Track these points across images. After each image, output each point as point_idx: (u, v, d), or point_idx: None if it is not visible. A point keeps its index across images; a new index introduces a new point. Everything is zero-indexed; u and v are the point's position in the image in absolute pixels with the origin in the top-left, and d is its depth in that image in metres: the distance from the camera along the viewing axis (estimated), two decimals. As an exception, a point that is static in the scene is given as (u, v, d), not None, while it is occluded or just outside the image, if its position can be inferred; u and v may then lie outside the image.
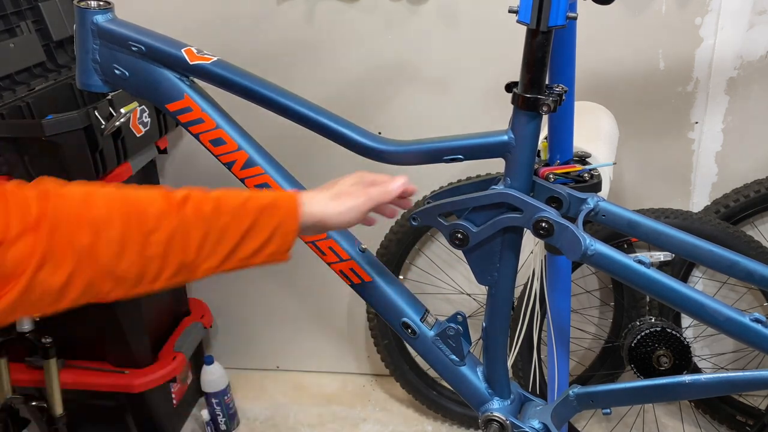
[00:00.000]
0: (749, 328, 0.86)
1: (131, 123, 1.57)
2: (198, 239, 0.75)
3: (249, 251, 0.79)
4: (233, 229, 0.77)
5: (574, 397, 1.02)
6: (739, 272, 0.98)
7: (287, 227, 0.81)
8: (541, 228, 0.91)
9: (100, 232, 0.68)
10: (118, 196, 0.72)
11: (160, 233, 0.72)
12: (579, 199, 0.97)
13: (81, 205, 0.69)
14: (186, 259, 0.74)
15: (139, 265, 0.71)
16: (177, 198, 0.75)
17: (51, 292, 0.66)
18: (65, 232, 0.66)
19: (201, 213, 0.75)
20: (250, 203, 0.79)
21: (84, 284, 0.68)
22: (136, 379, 1.72)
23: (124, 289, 0.72)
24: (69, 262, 0.66)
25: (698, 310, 0.88)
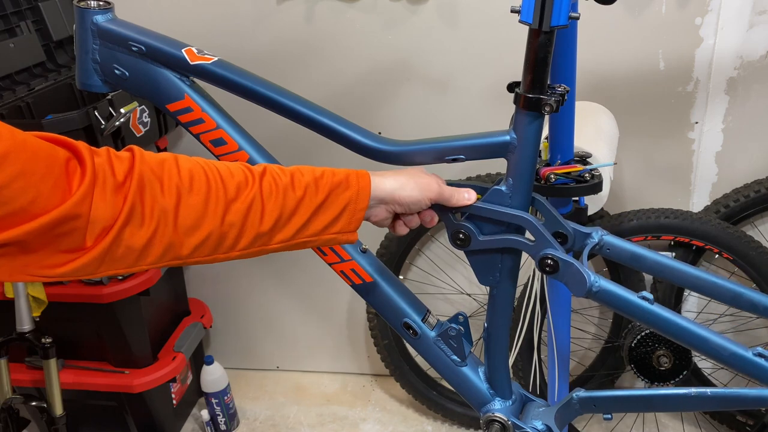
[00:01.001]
0: (753, 363, 0.89)
1: (131, 123, 1.57)
2: (274, 211, 0.78)
3: (320, 226, 0.82)
4: (307, 202, 0.80)
5: (578, 400, 1.02)
6: (744, 303, 1.00)
7: (357, 204, 0.84)
8: (546, 265, 0.92)
9: (183, 196, 0.71)
10: (201, 165, 0.75)
11: (240, 203, 0.75)
12: (583, 233, 0.98)
13: (167, 170, 0.72)
14: (262, 229, 0.77)
15: (218, 232, 0.74)
16: (256, 171, 0.79)
17: (134, 250, 0.69)
18: (151, 194, 0.69)
19: (278, 186, 0.79)
20: (323, 179, 0.83)
21: (164, 246, 0.71)
22: (136, 379, 1.72)
23: (202, 256, 0.75)
24: (152, 222, 0.69)
25: (702, 345, 0.91)
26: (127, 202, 0.67)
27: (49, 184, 0.62)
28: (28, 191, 0.60)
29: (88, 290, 1.63)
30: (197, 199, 0.72)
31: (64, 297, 1.65)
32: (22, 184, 0.60)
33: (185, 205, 0.71)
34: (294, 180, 0.81)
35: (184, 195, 0.72)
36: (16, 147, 0.61)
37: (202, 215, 0.73)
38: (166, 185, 0.71)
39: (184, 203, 0.71)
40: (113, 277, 1.63)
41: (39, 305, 1.61)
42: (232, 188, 0.75)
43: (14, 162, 0.59)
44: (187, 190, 0.72)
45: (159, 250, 0.71)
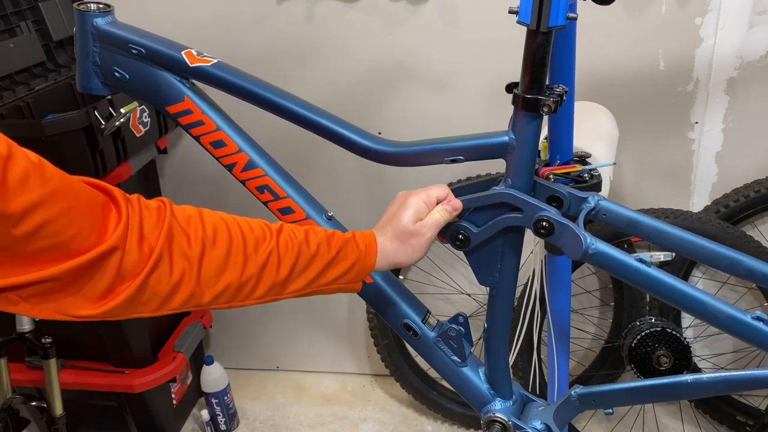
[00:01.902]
0: (751, 326, 0.86)
1: (131, 123, 1.57)
2: (289, 263, 0.83)
3: (330, 278, 0.87)
4: (320, 257, 0.86)
5: (576, 397, 1.02)
6: (740, 270, 0.98)
7: (365, 261, 0.90)
8: (541, 227, 0.92)
9: (207, 249, 0.76)
10: (224, 220, 0.81)
11: (258, 256, 0.81)
12: (579, 198, 0.97)
13: (193, 224, 0.77)
14: (277, 279, 0.83)
15: (237, 283, 0.79)
16: (274, 227, 0.85)
17: (159, 296, 0.73)
18: (178, 245, 0.74)
19: (293, 242, 0.84)
20: (334, 237, 0.88)
21: (187, 294, 0.75)
22: (136, 379, 1.72)
23: (220, 303, 0.80)
24: (178, 270, 0.74)
25: (699, 308, 0.88)
26: (155, 250, 0.71)
27: (89, 224, 0.66)
28: (71, 228, 0.64)
29: (88, 290, 1.63)
30: (220, 252, 0.77)
31: (64, 297, 1.65)
32: (67, 220, 0.63)
33: (209, 257, 0.76)
34: (308, 237, 0.86)
35: (208, 248, 0.76)
36: (64, 186, 0.65)
37: (224, 267, 0.78)
38: (192, 238, 0.75)
39: (207, 255, 0.76)
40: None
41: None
42: (252, 242, 0.81)
43: (62, 200, 0.63)
44: (211, 244, 0.77)
45: (182, 297, 0.75)
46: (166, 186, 1.97)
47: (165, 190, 1.95)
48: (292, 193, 1.01)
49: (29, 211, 0.60)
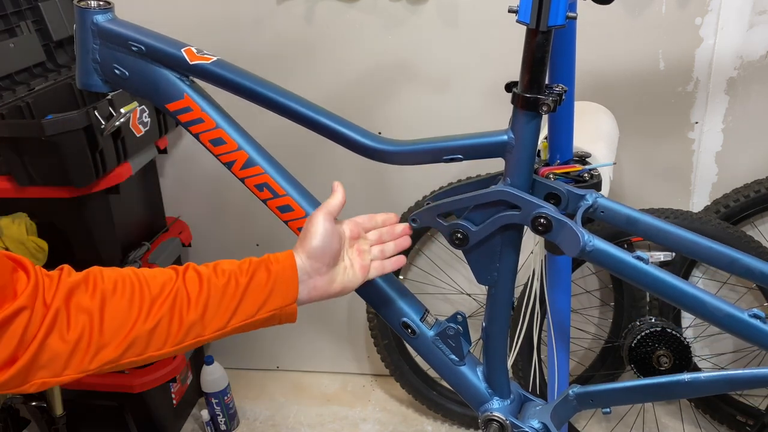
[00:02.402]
0: (748, 324, 0.86)
1: (131, 123, 1.57)
2: (200, 300, 0.79)
3: (254, 307, 0.82)
4: (233, 286, 0.81)
5: (574, 396, 1.02)
6: (739, 269, 0.98)
7: (285, 274, 0.84)
8: (539, 224, 0.91)
9: (107, 299, 0.74)
10: (126, 272, 0.78)
11: (163, 297, 0.77)
12: (578, 195, 0.97)
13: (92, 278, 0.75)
14: (190, 319, 0.78)
15: (145, 328, 0.75)
16: (180, 268, 0.81)
17: (60, 358, 0.70)
18: (76, 301, 0.72)
19: (201, 277, 0.80)
20: (245, 264, 0.84)
21: (93, 350, 0.72)
22: (136, 379, 1.72)
23: (135, 355, 0.76)
24: (77, 326, 0.71)
25: (697, 306, 0.88)
26: (51, 309, 0.69)
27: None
28: None
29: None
30: (121, 300, 0.75)
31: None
32: None
33: (110, 306, 0.73)
34: (217, 270, 0.82)
35: (108, 297, 0.74)
36: None
37: (127, 314, 0.74)
38: (90, 290, 0.73)
39: (108, 305, 0.73)
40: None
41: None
42: (156, 286, 0.78)
43: None
44: (111, 293, 0.74)
45: (87, 354, 0.72)
46: (166, 186, 1.97)
47: (165, 190, 1.96)
48: (291, 191, 1.01)
49: None
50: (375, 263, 0.95)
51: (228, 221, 2.03)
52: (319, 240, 0.87)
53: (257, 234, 2.03)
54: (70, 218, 1.58)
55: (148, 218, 1.86)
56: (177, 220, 1.97)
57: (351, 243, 0.93)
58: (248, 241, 2.04)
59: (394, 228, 0.99)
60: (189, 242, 1.95)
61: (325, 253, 0.88)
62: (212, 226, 2.04)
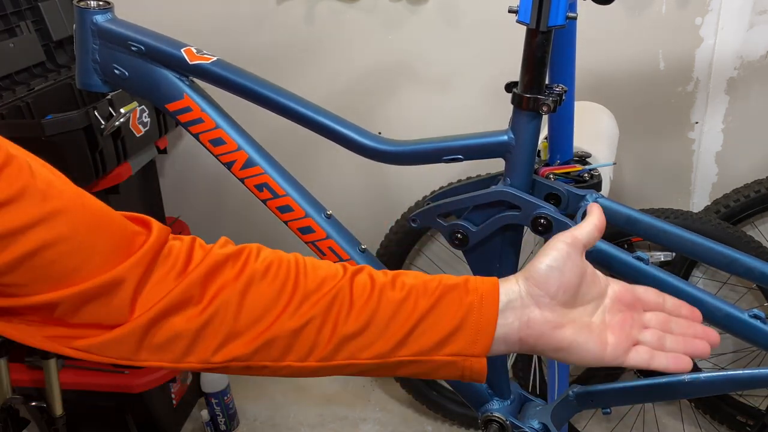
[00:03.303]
0: (748, 324, 0.86)
1: (131, 123, 1.57)
2: (365, 311, 0.62)
3: (430, 341, 0.62)
4: (410, 306, 0.63)
5: (574, 396, 1.02)
6: (739, 269, 0.98)
7: (482, 314, 0.63)
8: (539, 225, 0.91)
9: (254, 283, 0.62)
10: (287, 255, 0.65)
11: (320, 294, 0.62)
12: (578, 195, 0.97)
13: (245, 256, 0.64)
14: (346, 330, 0.62)
15: (289, 328, 0.62)
16: (350, 267, 0.66)
17: (182, 337, 0.60)
18: (218, 280, 0.61)
19: (374, 283, 0.64)
20: (433, 282, 0.65)
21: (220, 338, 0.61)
22: (136, 379, 1.72)
23: (270, 360, 0.65)
24: (210, 306, 0.60)
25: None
26: (182, 283, 0.59)
27: (103, 255, 0.56)
28: (74, 257, 0.55)
29: (88, 290, 1.63)
30: (270, 286, 0.61)
31: (64, 297, 1.65)
32: (67, 248, 0.54)
33: (254, 291, 0.61)
34: (396, 281, 0.64)
35: (255, 281, 0.61)
36: (74, 209, 0.56)
37: (272, 304, 0.61)
38: (239, 268, 0.61)
39: (253, 289, 0.61)
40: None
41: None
42: (315, 279, 0.63)
43: (65, 223, 0.54)
44: (260, 276, 0.61)
45: (214, 342, 0.60)
46: (166, 186, 1.97)
47: (165, 190, 1.95)
48: (291, 192, 1.01)
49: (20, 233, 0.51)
50: (642, 348, 0.67)
51: (228, 221, 2.03)
52: (548, 261, 0.65)
53: (257, 234, 2.03)
54: (69, 218, 1.58)
55: (148, 218, 1.86)
56: (177, 220, 1.97)
57: (616, 307, 0.68)
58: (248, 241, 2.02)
59: (694, 325, 0.71)
60: (189, 242, 1.95)
61: (550, 278, 0.64)
62: (212, 226, 2.04)
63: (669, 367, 0.67)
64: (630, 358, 0.67)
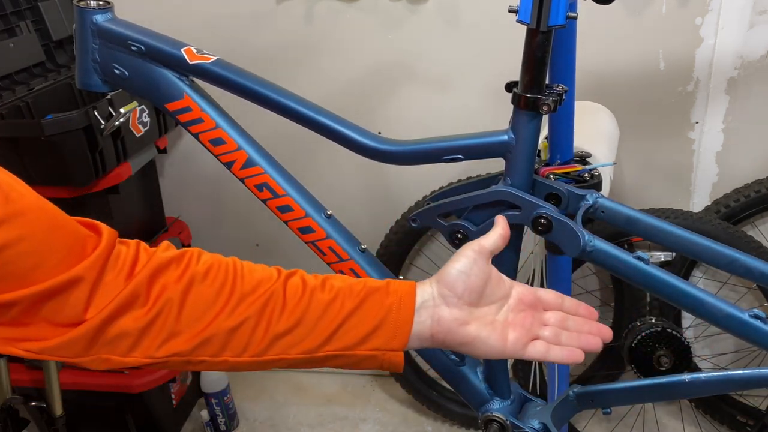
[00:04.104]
0: (748, 324, 0.86)
1: (131, 123, 1.57)
2: (296, 311, 0.69)
3: (354, 338, 0.70)
4: (337, 306, 0.70)
5: (574, 396, 1.02)
6: (739, 269, 0.98)
7: (401, 314, 0.71)
8: (539, 224, 0.91)
9: (195, 285, 0.68)
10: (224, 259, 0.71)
11: (256, 296, 0.69)
12: (578, 195, 0.97)
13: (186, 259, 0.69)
14: (278, 329, 0.68)
15: (226, 327, 0.67)
16: (284, 271, 0.73)
17: (128, 335, 0.65)
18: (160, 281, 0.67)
19: (306, 285, 0.71)
20: (358, 285, 0.72)
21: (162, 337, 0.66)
22: (136, 379, 1.72)
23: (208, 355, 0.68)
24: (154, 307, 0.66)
25: (697, 306, 0.88)
26: (130, 285, 0.64)
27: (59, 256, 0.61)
28: (32, 257, 0.59)
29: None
30: (209, 288, 0.67)
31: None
32: (26, 248, 0.58)
33: (195, 292, 0.67)
34: (325, 284, 0.72)
35: (196, 282, 0.67)
36: (33, 211, 0.59)
37: (210, 305, 0.67)
38: (180, 271, 0.67)
39: (193, 291, 0.67)
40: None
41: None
42: (251, 282, 0.69)
43: (24, 225, 0.58)
44: (201, 278, 0.68)
45: (157, 339, 0.66)
46: (166, 186, 1.97)
47: (165, 190, 1.95)
48: (291, 191, 1.01)
49: None
50: (539, 343, 0.76)
51: (228, 221, 2.03)
52: (457, 266, 0.73)
53: (257, 234, 2.03)
54: (69, 218, 1.58)
55: (148, 218, 1.86)
56: (177, 220, 1.97)
57: (519, 307, 0.77)
58: (248, 241, 2.04)
59: (589, 322, 0.81)
60: (189, 242, 1.95)
61: (457, 281, 0.73)
62: (212, 226, 2.04)
63: (564, 359, 0.77)
64: (528, 351, 0.75)
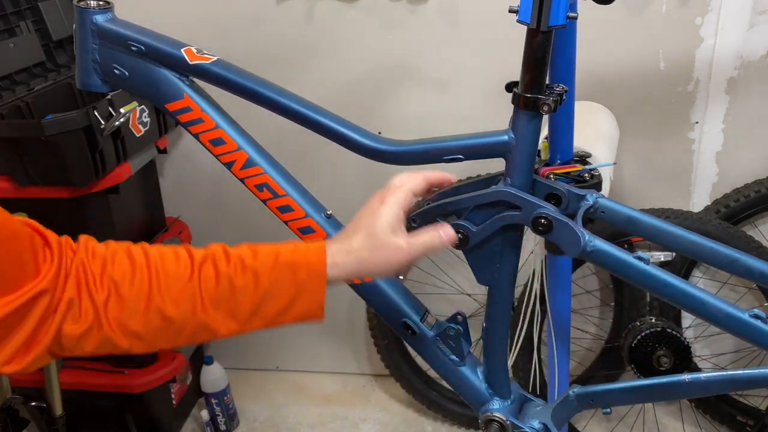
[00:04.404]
0: (749, 324, 0.86)
1: (131, 123, 1.57)
2: (216, 300, 0.74)
3: (272, 313, 0.76)
4: (250, 288, 0.75)
5: (574, 396, 1.02)
6: (739, 269, 0.98)
7: (311, 284, 0.77)
8: (540, 225, 0.91)
9: (114, 291, 0.71)
10: (145, 257, 0.74)
11: (176, 294, 0.73)
12: (578, 195, 0.97)
13: (102, 263, 0.72)
14: (204, 320, 0.74)
15: (154, 325, 0.72)
16: (198, 259, 0.75)
17: (71, 340, 0.69)
18: (87, 288, 0.70)
19: (218, 274, 0.74)
20: (269, 258, 0.77)
21: (99, 339, 0.71)
22: (136, 379, 1.72)
23: (143, 346, 0.73)
24: (87, 315, 0.69)
25: (698, 306, 0.88)
26: (65, 295, 0.68)
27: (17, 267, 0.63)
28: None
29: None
30: (130, 292, 0.71)
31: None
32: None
33: (116, 299, 0.71)
34: (243, 264, 0.76)
35: (118, 287, 0.71)
36: None
37: (134, 309, 0.71)
38: (98, 279, 0.71)
39: (114, 297, 0.71)
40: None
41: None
42: (169, 287, 0.73)
43: None
44: (121, 283, 0.71)
45: (95, 342, 0.71)
46: (166, 186, 1.97)
47: (165, 190, 1.95)
48: (291, 192, 1.01)
49: None
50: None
51: (228, 221, 2.03)
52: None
53: (257, 234, 2.02)
54: (69, 218, 1.57)
55: (148, 218, 1.86)
56: (177, 220, 1.97)
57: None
58: (248, 241, 2.03)
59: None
60: (189, 242, 1.95)
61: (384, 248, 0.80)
62: (212, 226, 2.04)
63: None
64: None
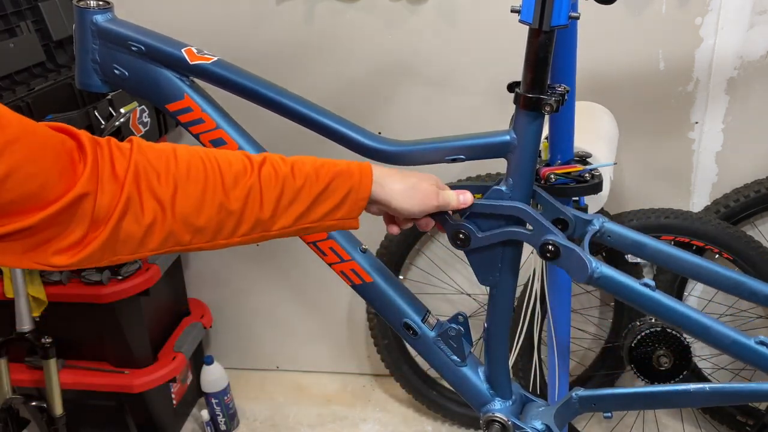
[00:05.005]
0: (755, 351, 0.89)
1: (131, 123, 1.57)
2: (273, 198, 0.80)
3: (320, 213, 0.84)
4: (307, 191, 0.82)
5: (577, 399, 1.02)
6: (744, 292, 1.00)
7: (358, 194, 0.86)
8: (547, 251, 0.92)
9: (180, 186, 0.74)
10: (200, 155, 0.77)
11: (238, 191, 0.77)
12: (585, 220, 0.98)
13: (164, 160, 0.74)
14: (262, 216, 0.79)
15: (217, 219, 0.76)
16: (256, 160, 0.81)
17: (134, 238, 0.71)
18: (147, 185, 0.71)
19: (277, 174, 0.81)
20: (324, 168, 0.84)
21: (164, 234, 0.73)
22: (136, 379, 1.72)
23: (203, 242, 0.77)
24: (150, 212, 0.71)
25: (704, 332, 0.90)
26: (124, 192, 0.69)
27: (57, 171, 0.64)
28: (38, 177, 0.62)
29: (88, 290, 1.63)
30: (195, 188, 0.75)
31: (64, 297, 1.65)
32: (31, 170, 0.61)
33: (182, 194, 0.74)
34: (294, 169, 0.82)
35: (181, 185, 0.74)
36: (26, 133, 0.61)
37: (200, 204, 0.75)
38: (163, 176, 0.73)
39: (181, 192, 0.74)
40: (115, 275, 1.64)
41: (39, 305, 1.61)
42: (230, 177, 0.77)
43: (22, 148, 0.60)
44: (184, 180, 0.74)
45: (159, 237, 0.73)
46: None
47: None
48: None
49: None
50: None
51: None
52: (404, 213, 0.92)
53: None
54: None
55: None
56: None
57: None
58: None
59: None
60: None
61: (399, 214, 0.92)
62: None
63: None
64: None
